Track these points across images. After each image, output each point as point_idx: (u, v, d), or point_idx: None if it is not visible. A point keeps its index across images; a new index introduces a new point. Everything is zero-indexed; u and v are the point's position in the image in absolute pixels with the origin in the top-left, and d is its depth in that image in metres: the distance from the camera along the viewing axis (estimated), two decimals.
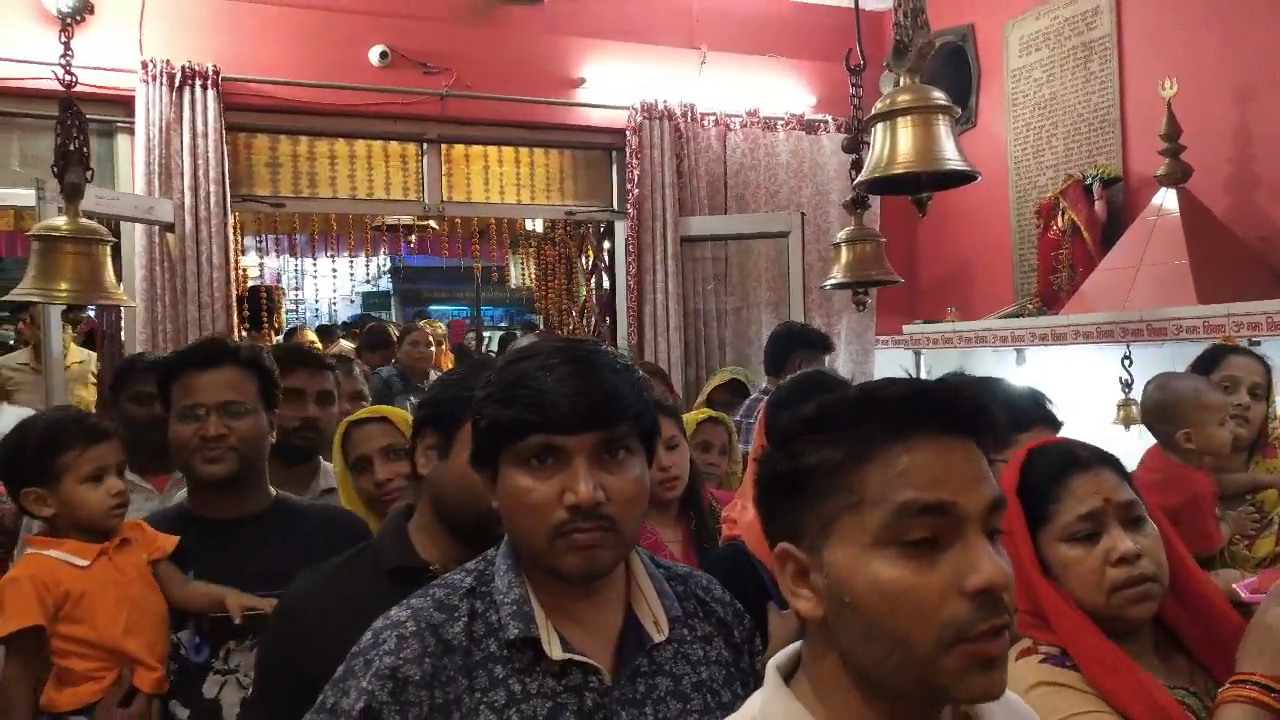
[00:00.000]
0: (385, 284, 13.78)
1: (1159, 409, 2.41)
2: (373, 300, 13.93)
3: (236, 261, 4.58)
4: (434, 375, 5.29)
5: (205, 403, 1.88)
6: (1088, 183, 4.63)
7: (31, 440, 1.90)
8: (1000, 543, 0.87)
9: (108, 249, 2.99)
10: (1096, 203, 4.58)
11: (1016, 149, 5.23)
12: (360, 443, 2.20)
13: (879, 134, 2.38)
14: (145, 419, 2.55)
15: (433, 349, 5.58)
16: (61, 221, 2.89)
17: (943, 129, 2.28)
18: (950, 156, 2.29)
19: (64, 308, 3.14)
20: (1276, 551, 2.35)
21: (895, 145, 2.32)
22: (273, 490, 2.01)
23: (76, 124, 2.95)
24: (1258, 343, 3.58)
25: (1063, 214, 4.68)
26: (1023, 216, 5.17)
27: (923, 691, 0.83)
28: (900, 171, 2.32)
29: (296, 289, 11.04)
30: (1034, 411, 1.90)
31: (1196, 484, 2.32)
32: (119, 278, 4.42)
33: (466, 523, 1.46)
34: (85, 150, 2.96)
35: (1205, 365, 2.53)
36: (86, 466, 1.85)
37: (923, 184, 2.42)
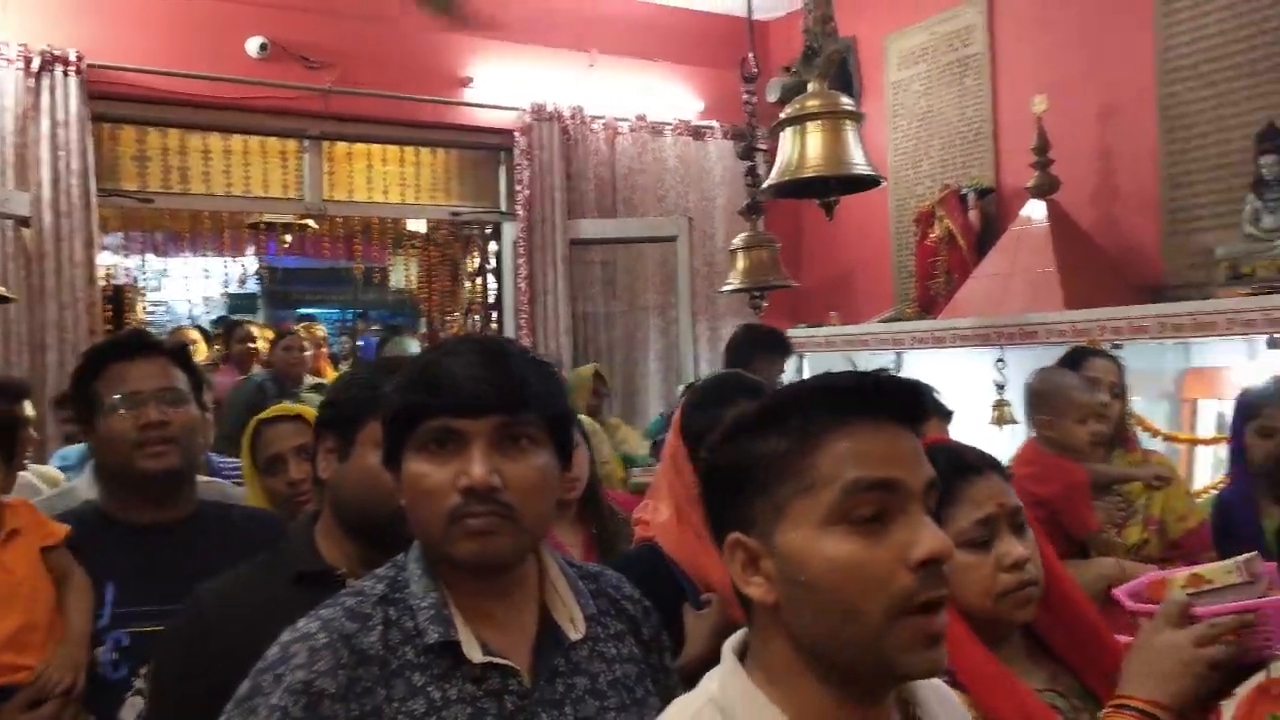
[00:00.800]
0: (252, 285, 13.25)
1: (1034, 398, 2.57)
2: (239, 303, 13.38)
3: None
4: (309, 380, 5.12)
5: (141, 390, 1.76)
6: (963, 193, 4.82)
7: None
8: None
9: None
10: (971, 212, 4.77)
11: (896, 159, 5.41)
12: (273, 441, 2.12)
13: (788, 138, 2.42)
14: None
15: (308, 354, 5.37)
16: None
17: (850, 134, 2.33)
18: (857, 161, 2.35)
19: None
20: (1144, 538, 2.50)
21: (805, 149, 2.36)
22: (196, 492, 1.90)
23: None
24: (1119, 346, 3.79)
25: (940, 222, 4.86)
26: (902, 224, 5.35)
27: (872, 666, 0.88)
28: (810, 175, 2.36)
29: (157, 289, 10.50)
30: (924, 402, 1.93)
31: (1071, 473, 2.45)
32: None
33: (369, 526, 1.43)
34: None
35: (1068, 366, 2.67)
36: None
37: (830, 188, 2.47)
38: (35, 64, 4.09)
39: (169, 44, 4.44)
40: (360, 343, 9.76)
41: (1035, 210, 4.29)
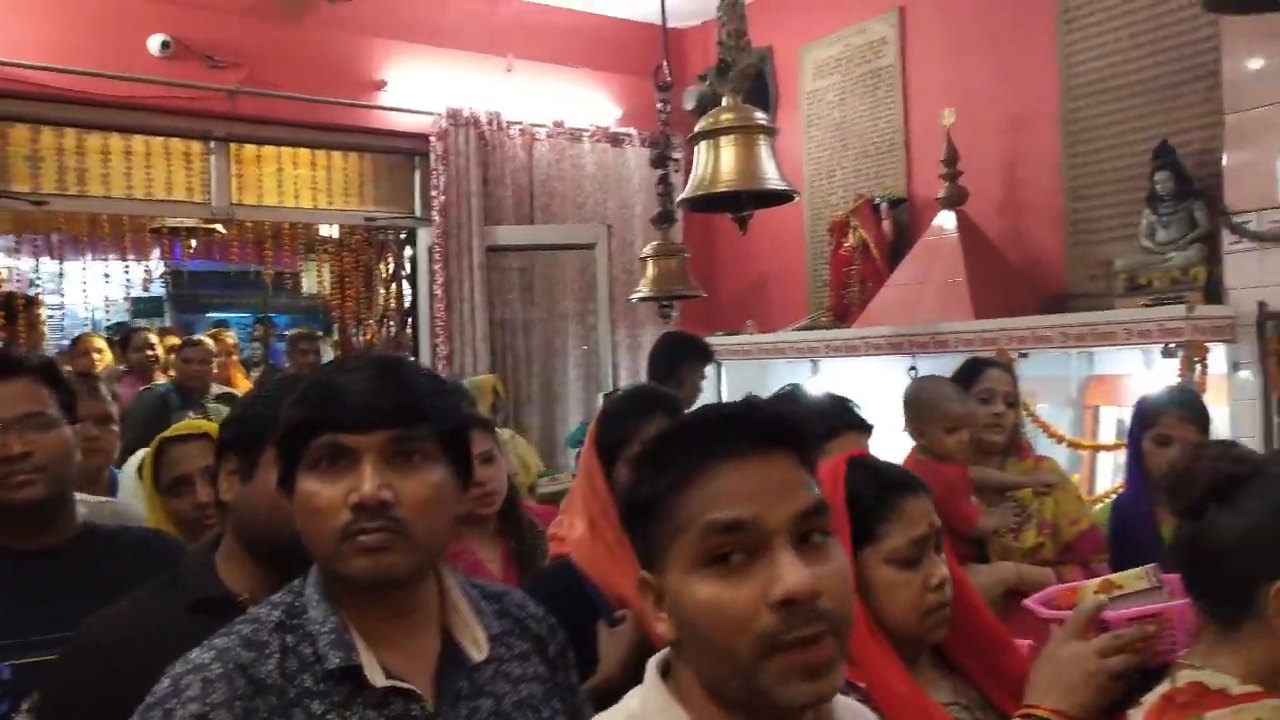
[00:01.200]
0: (158, 288, 12.84)
1: (907, 409, 2.64)
2: (144, 306, 12.94)
3: None
4: (216, 389, 4.96)
5: (3, 417, 1.66)
6: (876, 202, 4.91)
7: None
8: (833, 542, 0.92)
9: None
10: (884, 221, 4.86)
11: (811, 168, 5.48)
12: (179, 461, 2.03)
13: (702, 152, 2.42)
14: None
15: (211, 365, 5.16)
16: None
17: (764, 149, 2.34)
18: (771, 176, 2.36)
19: None
20: (1040, 541, 2.57)
21: (718, 164, 2.37)
22: (80, 513, 1.80)
23: None
24: (1025, 355, 3.91)
25: (854, 231, 4.93)
26: (817, 233, 5.42)
27: (756, 702, 0.87)
28: (724, 189, 2.37)
29: (55, 292, 10.09)
30: (842, 417, 1.92)
31: (944, 474, 2.52)
32: None
33: (273, 550, 1.38)
34: None
35: (965, 377, 2.75)
36: None
37: (743, 202, 2.48)
38: None
39: (65, 39, 4.26)
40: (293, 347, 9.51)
41: (945, 221, 4.39)
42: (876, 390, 4.35)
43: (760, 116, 2.39)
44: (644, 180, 5.61)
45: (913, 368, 4.16)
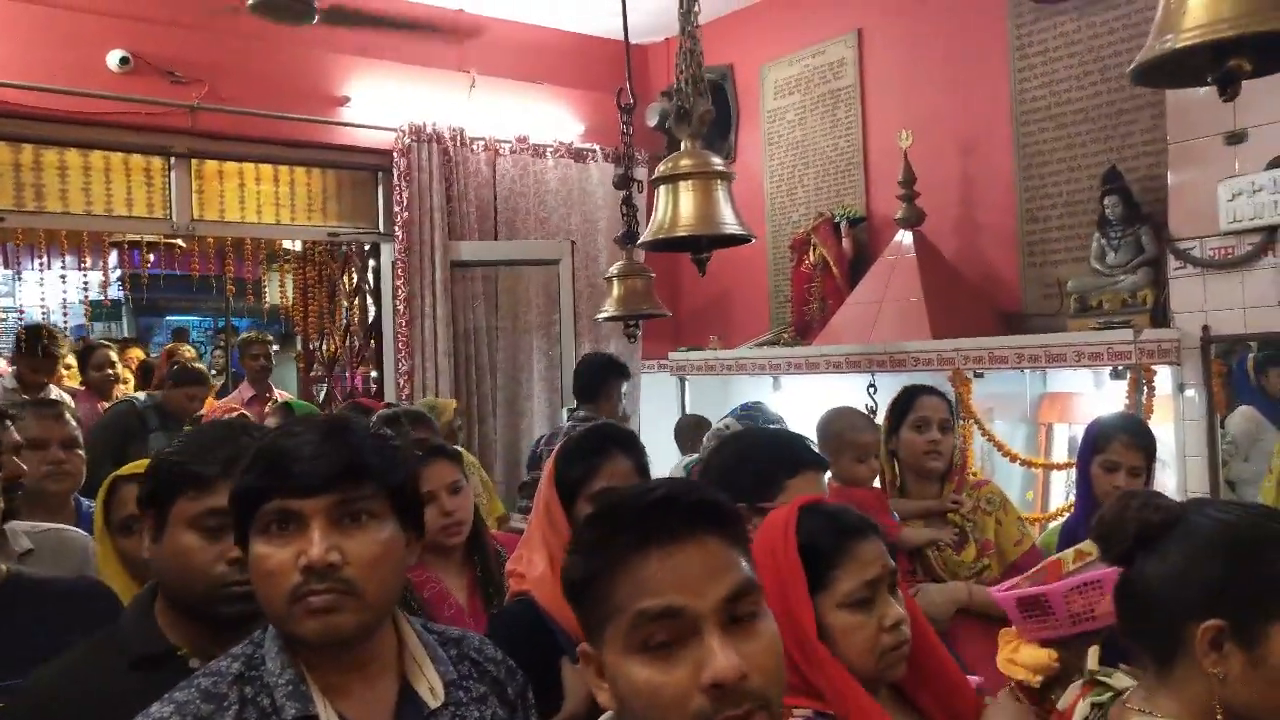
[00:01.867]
0: (115, 292, 12.65)
1: (819, 440, 2.74)
2: (101, 311, 12.74)
3: None
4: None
5: None
6: (836, 220, 4.98)
7: None
8: (764, 617, 0.96)
9: None
10: (844, 240, 4.93)
11: (772, 185, 5.54)
12: (129, 501, 1.94)
13: (661, 196, 2.46)
14: None
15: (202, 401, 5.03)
16: None
17: (721, 193, 2.39)
18: (728, 220, 2.41)
19: None
20: (985, 563, 2.68)
21: (677, 208, 2.41)
22: (3, 567, 1.79)
23: None
24: (980, 375, 3.99)
25: (814, 249, 5.00)
26: (778, 250, 5.48)
27: None
28: (683, 233, 2.42)
29: (8, 294, 9.93)
30: (802, 455, 1.94)
31: (857, 497, 2.63)
32: None
33: (191, 605, 1.40)
34: None
35: (900, 406, 2.82)
36: None
37: (702, 245, 2.53)
38: None
39: (20, 56, 4.21)
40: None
41: (904, 240, 4.46)
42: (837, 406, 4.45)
43: (717, 162, 2.43)
44: (607, 196, 5.65)
45: (872, 385, 4.23)
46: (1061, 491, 4.00)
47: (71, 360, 5.57)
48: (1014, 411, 4.35)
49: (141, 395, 5.00)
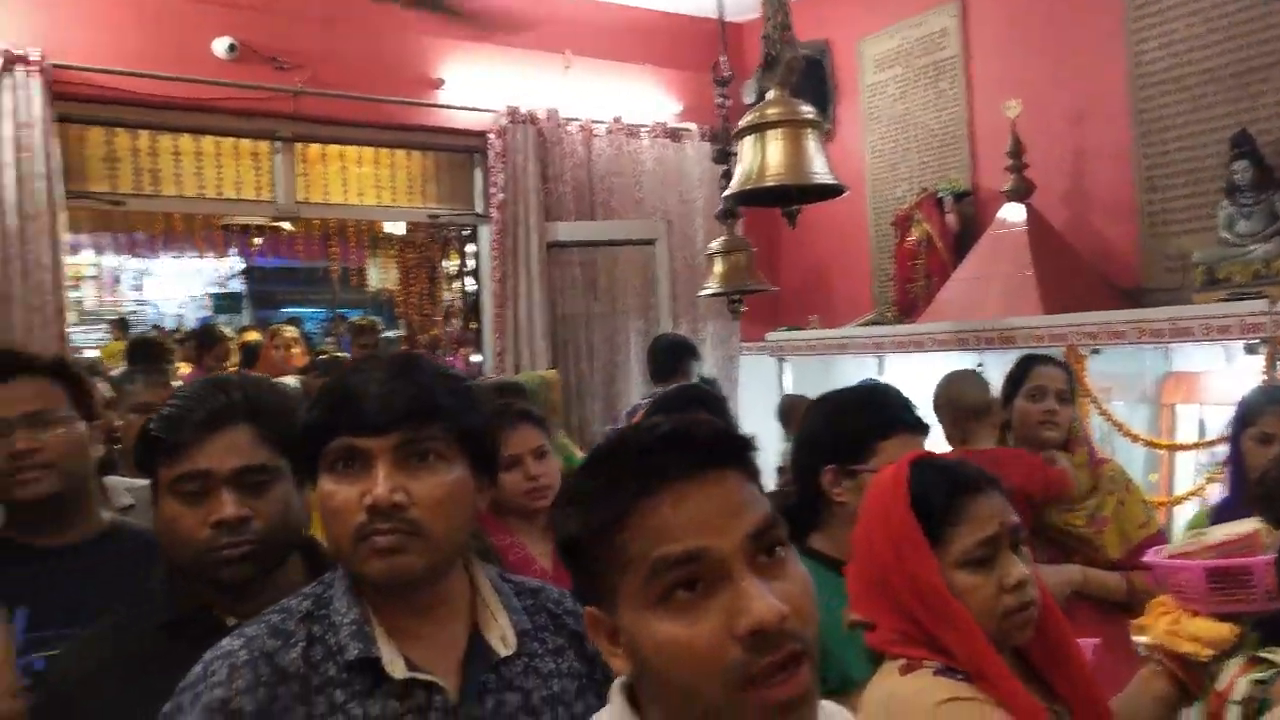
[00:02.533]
0: (236, 285, 13.21)
1: (934, 404, 2.63)
2: (223, 303, 13.33)
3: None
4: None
5: (7, 416, 1.71)
6: (940, 195, 4.82)
7: None
8: (790, 554, 0.86)
9: None
10: (948, 215, 4.76)
11: (873, 161, 5.40)
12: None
13: (748, 146, 2.38)
14: None
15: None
16: None
17: (811, 142, 2.30)
18: (819, 170, 2.32)
19: None
20: (1089, 527, 2.53)
21: (765, 158, 2.33)
22: (107, 515, 1.84)
23: None
24: (1097, 351, 3.80)
25: (917, 225, 4.85)
26: (880, 227, 5.34)
27: None
28: (770, 183, 2.33)
29: (137, 289, 10.43)
30: (898, 416, 1.83)
31: (996, 455, 2.51)
32: None
33: (189, 572, 1.37)
34: None
35: (1016, 376, 2.70)
36: None
37: (792, 197, 2.44)
38: None
39: (135, 45, 4.36)
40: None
41: (1012, 213, 4.29)
42: None
43: (807, 110, 2.34)
44: (703, 175, 5.58)
45: (979, 364, 4.08)
46: (1189, 475, 3.78)
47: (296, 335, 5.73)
48: (1133, 391, 4.13)
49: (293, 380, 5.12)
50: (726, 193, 2.59)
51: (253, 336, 6.61)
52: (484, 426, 1.22)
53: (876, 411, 1.80)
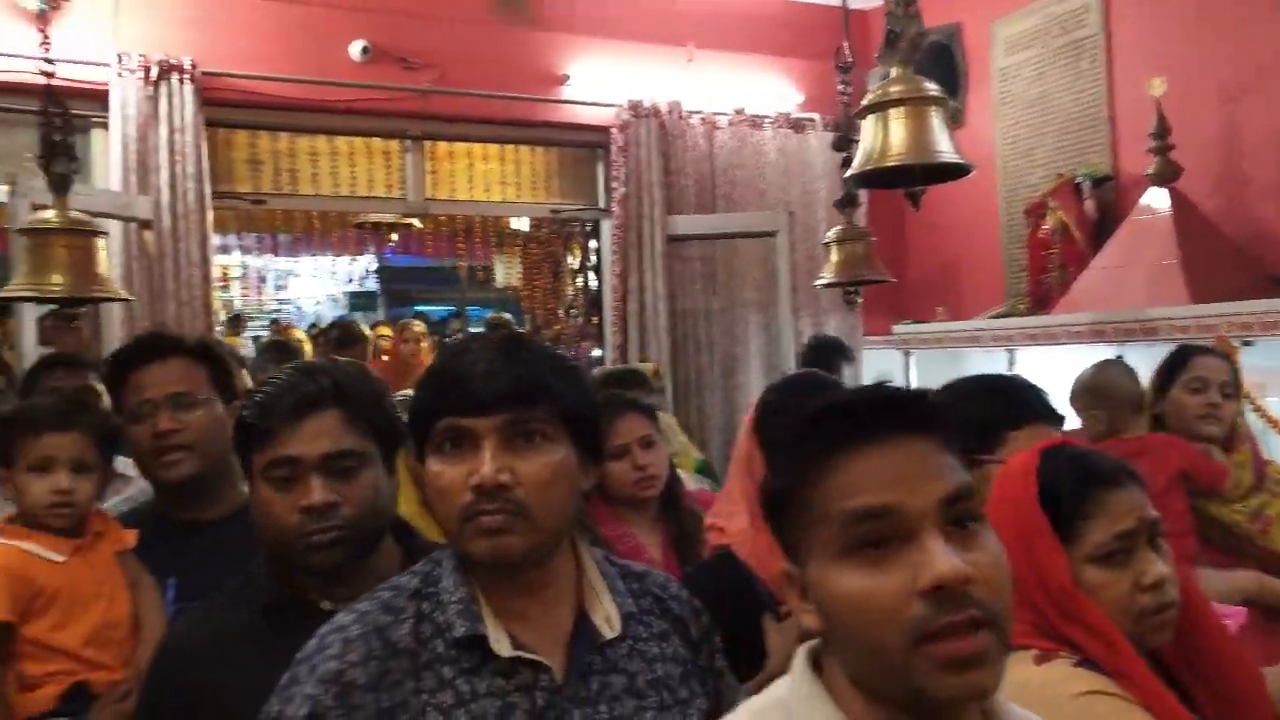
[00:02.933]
0: (370, 284, 13.73)
1: (1079, 395, 2.49)
2: (359, 301, 13.89)
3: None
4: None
5: (153, 397, 1.78)
6: (1077, 181, 4.61)
7: (6, 414, 1.86)
8: (985, 529, 0.87)
9: (99, 241, 2.88)
10: (1086, 201, 4.56)
11: (1005, 148, 5.20)
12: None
13: (870, 126, 2.32)
14: None
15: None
16: (51, 214, 2.79)
17: (935, 121, 2.22)
18: (943, 149, 2.24)
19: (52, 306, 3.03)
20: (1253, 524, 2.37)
21: (887, 137, 2.27)
22: (244, 489, 1.93)
23: (60, 115, 2.86)
24: (1250, 343, 3.56)
25: (1052, 213, 4.65)
26: (1012, 216, 5.14)
27: (906, 695, 0.83)
28: (893, 163, 2.26)
29: (280, 287, 10.96)
30: (1029, 406, 1.73)
31: (1179, 440, 2.36)
32: None
33: (283, 557, 1.39)
34: (71, 141, 2.86)
35: (1172, 366, 2.54)
36: (33, 456, 1.75)
37: (916, 177, 2.36)
38: (154, 73, 4.26)
39: (277, 51, 4.58)
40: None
41: (1156, 199, 4.07)
42: None
43: (931, 87, 2.26)
44: (827, 166, 5.49)
45: (1119, 357, 3.88)
46: None
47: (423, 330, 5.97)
48: None
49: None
50: (848, 174, 2.53)
51: (384, 332, 6.85)
52: (589, 407, 1.22)
53: (1007, 399, 1.71)
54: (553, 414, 1.15)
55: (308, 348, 5.96)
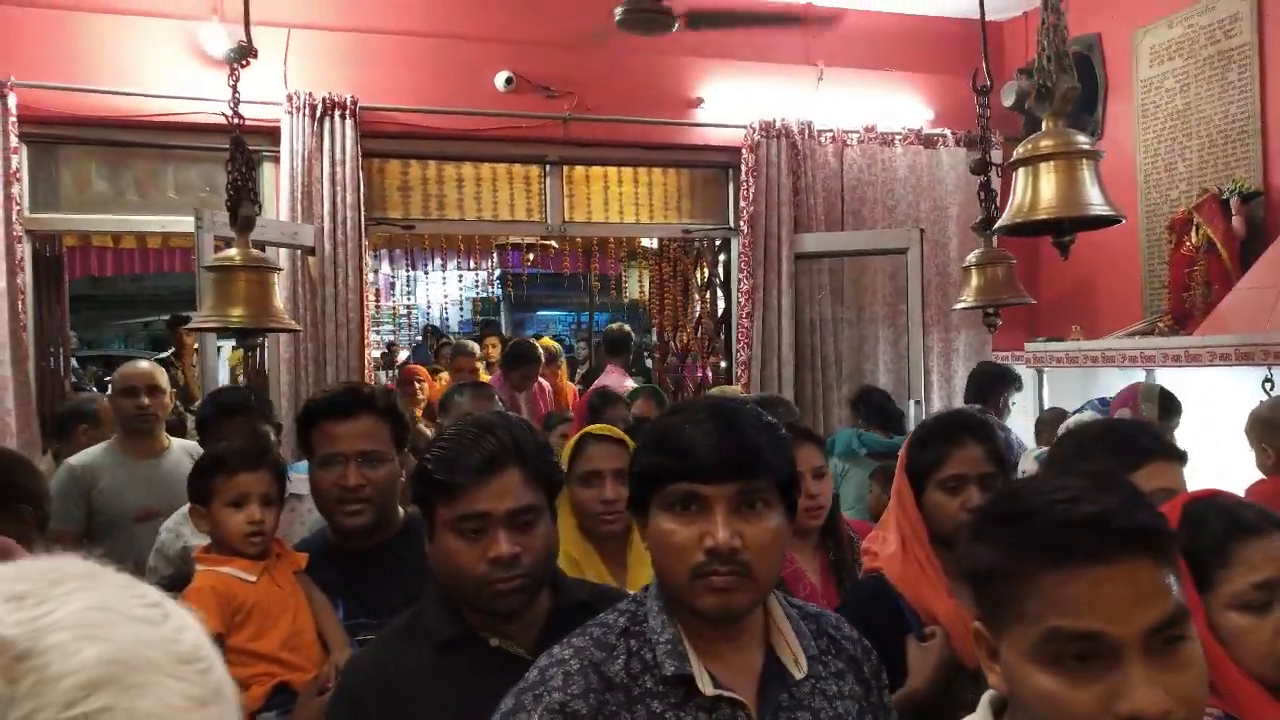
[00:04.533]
0: (495, 289, 14.10)
1: (1261, 428, 2.43)
2: (483, 306, 14.30)
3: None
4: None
5: (344, 450, 1.98)
6: (1225, 197, 4.48)
7: (200, 462, 2.13)
8: (1191, 644, 0.89)
9: (275, 277, 3.16)
10: (1234, 218, 4.42)
11: (1146, 162, 5.08)
12: (594, 459, 2.25)
13: (1020, 179, 2.35)
14: None
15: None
16: (235, 252, 3.04)
17: (1087, 174, 2.24)
18: (1095, 201, 2.26)
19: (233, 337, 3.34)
20: None
21: (1038, 190, 2.29)
22: (402, 512, 2.12)
23: (245, 161, 3.13)
24: None
25: (1197, 229, 4.53)
26: (1153, 231, 5.02)
27: None
28: (1043, 216, 2.30)
29: (409, 293, 11.42)
30: (1146, 446, 1.74)
31: None
32: None
33: (463, 600, 1.50)
34: (254, 185, 3.13)
35: None
36: (230, 493, 2.01)
37: (1064, 227, 2.40)
38: (319, 110, 4.59)
39: (427, 84, 4.86)
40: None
41: None
42: (1222, 406, 4.00)
43: (1083, 141, 2.27)
44: (958, 181, 5.47)
45: (1268, 379, 3.78)
46: None
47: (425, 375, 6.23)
48: None
49: None
50: (997, 225, 2.56)
51: (492, 343, 7.08)
52: (794, 470, 1.34)
53: (1123, 441, 1.75)
54: (771, 483, 1.27)
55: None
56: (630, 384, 5.96)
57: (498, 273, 11.32)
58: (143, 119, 4.44)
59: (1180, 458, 1.78)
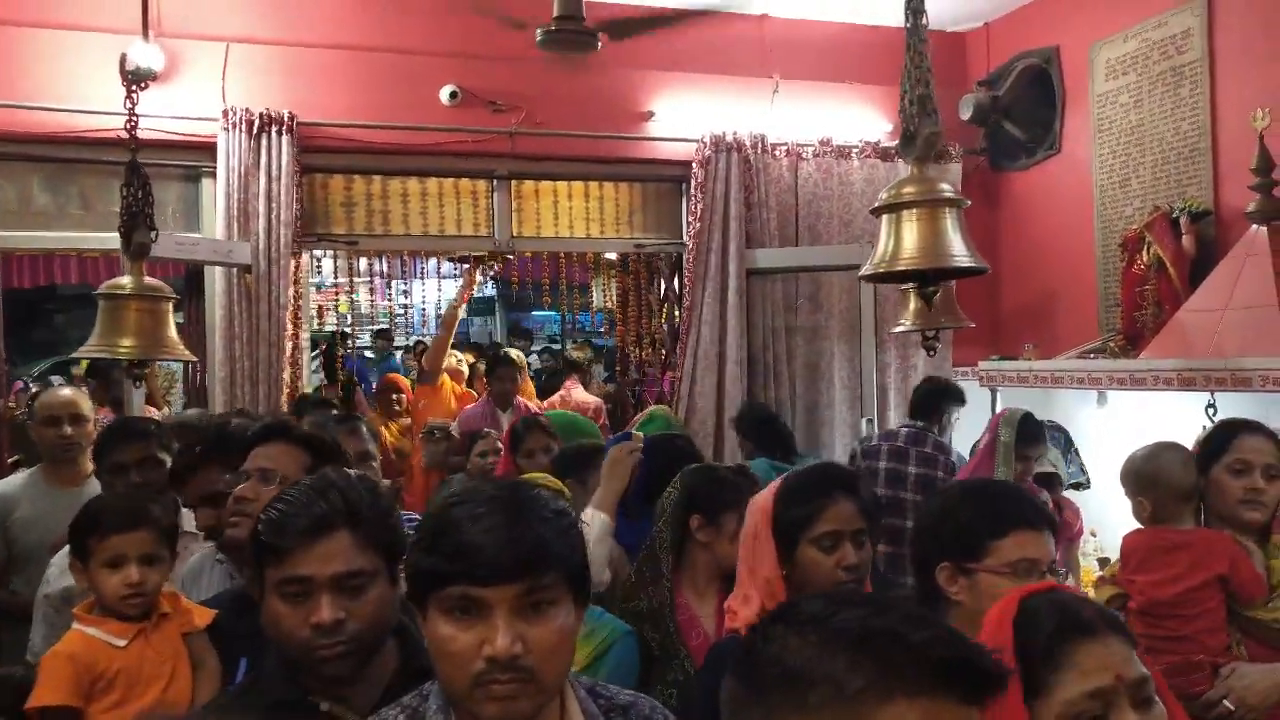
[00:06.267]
0: (489, 289, 14.08)
1: (1129, 478, 2.42)
2: (478, 306, 14.32)
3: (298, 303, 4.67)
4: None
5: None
6: (1175, 215, 4.40)
7: (76, 519, 2.02)
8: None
9: (169, 306, 3.09)
10: (1184, 237, 4.34)
11: (1102, 177, 5.00)
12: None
13: (884, 226, 2.28)
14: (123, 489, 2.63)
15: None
16: (127, 280, 2.99)
17: (949, 222, 2.17)
18: (958, 252, 2.19)
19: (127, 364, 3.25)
20: None
21: (900, 239, 2.23)
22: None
23: (141, 185, 3.06)
24: None
25: (1148, 248, 4.45)
26: (1108, 248, 4.94)
27: None
28: (904, 267, 2.23)
29: (405, 293, 11.37)
30: (1015, 513, 1.67)
31: (1227, 541, 2.29)
32: (201, 319, 4.65)
33: (289, 661, 1.45)
34: (150, 211, 3.06)
35: (1215, 446, 2.41)
36: (106, 553, 1.92)
37: (928, 277, 2.32)
38: (256, 126, 4.52)
39: (370, 98, 4.79)
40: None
41: (1259, 236, 3.85)
42: (1168, 427, 3.90)
43: (945, 188, 2.21)
44: None
45: (1211, 405, 3.70)
46: None
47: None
48: None
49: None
50: (861, 274, 2.49)
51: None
52: (586, 564, 1.26)
53: (990, 506, 1.69)
54: (559, 579, 1.19)
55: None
56: (584, 396, 5.92)
57: (492, 272, 11.25)
58: (74, 134, 4.37)
59: (1048, 527, 1.70)
